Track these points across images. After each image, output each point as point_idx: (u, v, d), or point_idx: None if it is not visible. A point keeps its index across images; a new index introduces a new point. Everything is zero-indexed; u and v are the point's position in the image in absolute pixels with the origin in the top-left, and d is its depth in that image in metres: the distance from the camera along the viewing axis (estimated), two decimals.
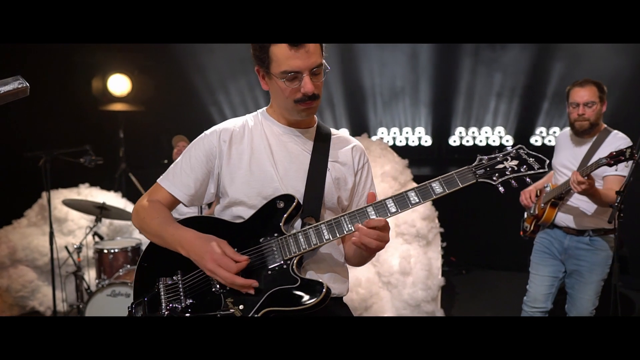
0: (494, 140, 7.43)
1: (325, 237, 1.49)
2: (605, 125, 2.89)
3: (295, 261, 1.50)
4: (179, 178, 1.60)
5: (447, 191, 1.48)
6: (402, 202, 1.48)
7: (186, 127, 4.97)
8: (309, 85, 1.47)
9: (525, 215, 3.21)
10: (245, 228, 1.55)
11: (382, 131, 8.05)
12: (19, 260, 4.54)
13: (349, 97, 7.50)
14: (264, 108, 1.67)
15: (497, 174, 1.49)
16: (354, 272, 3.76)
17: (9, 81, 1.11)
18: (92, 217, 4.24)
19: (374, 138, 8.05)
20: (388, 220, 1.46)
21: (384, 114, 7.92)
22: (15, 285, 4.50)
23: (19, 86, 1.12)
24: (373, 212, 1.47)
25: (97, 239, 4.36)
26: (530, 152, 1.52)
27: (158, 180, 1.64)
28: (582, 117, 2.82)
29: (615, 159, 2.40)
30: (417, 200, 1.49)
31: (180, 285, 1.55)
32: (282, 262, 1.50)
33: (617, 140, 2.76)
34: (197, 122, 6.53)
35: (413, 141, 7.92)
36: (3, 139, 4.38)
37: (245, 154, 1.57)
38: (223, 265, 1.41)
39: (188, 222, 1.58)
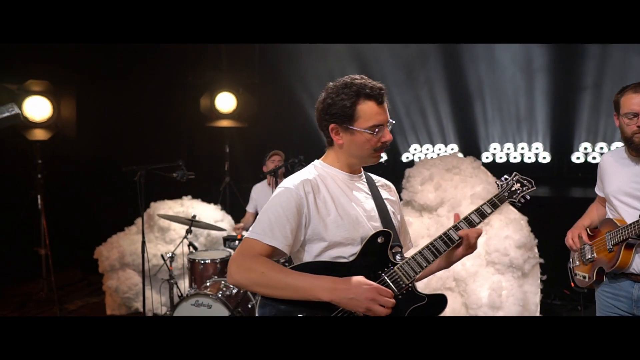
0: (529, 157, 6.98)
1: (430, 259, 1.70)
2: None
3: (415, 283, 1.71)
4: (278, 230, 1.64)
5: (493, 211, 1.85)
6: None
7: (286, 143, 5.08)
8: (389, 135, 1.70)
9: (576, 262, 2.61)
10: (358, 265, 1.67)
11: (494, 147, 7.51)
12: (127, 264, 4.96)
13: (457, 110, 7.12)
14: (319, 160, 1.81)
15: (514, 196, 1.91)
16: None
17: (2, 110, 1.15)
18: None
19: (485, 155, 7.58)
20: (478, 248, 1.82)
21: (495, 127, 7.35)
22: (123, 287, 4.92)
23: (11, 113, 1.15)
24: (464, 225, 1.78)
25: (191, 249, 4.60)
26: (523, 176, 1.95)
27: (252, 236, 1.65)
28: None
29: None
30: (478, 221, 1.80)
31: None
32: (406, 285, 1.66)
33: None
34: (296, 137, 6.68)
35: (529, 157, 7.27)
36: (114, 154, 4.84)
37: (329, 201, 1.70)
38: (382, 302, 1.55)
39: (303, 269, 1.65)
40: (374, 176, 1.92)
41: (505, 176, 1.94)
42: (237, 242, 4.37)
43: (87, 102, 5.26)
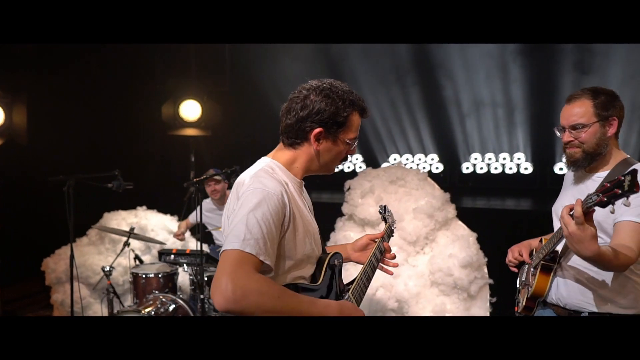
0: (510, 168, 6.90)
1: (372, 276, 1.85)
2: (627, 155, 2.04)
3: None
4: (270, 244, 1.42)
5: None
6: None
7: (254, 150, 4.86)
8: (355, 149, 1.71)
9: (517, 284, 2.36)
10: (326, 289, 1.62)
11: (475, 157, 7.25)
12: (74, 277, 4.76)
13: (432, 117, 6.89)
14: (274, 161, 1.63)
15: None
16: None
17: None
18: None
19: (465, 165, 7.32)
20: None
21: (474, 137, 7.10)
22: (69, 301, 4.72)
23: None
24: None
25: (137, 262, 4.41)
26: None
27: (247, 249, 1.36)
28: (571, 144, 2.03)
29: (609, 193, 1.53)
30: None
31: None
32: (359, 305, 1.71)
33: None
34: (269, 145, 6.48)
35: (511, 168, 7.00)
36: (68, 161, 4.67)
37: (296, 213, 1.56)
38: None
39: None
40: None
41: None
42: (172, 256, 4.14)
43: (39, 108, 5.11)
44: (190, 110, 6.01)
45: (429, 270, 3.36)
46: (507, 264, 2.38)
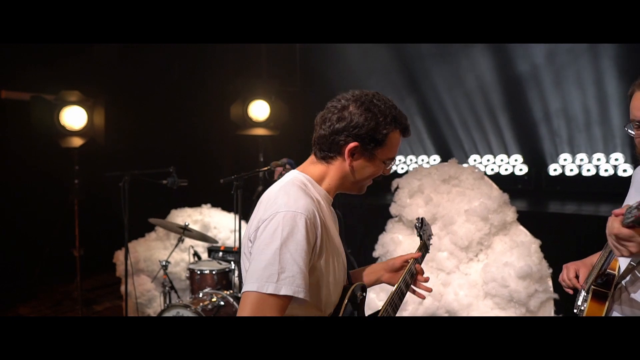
0: (606, 170, 6.34)
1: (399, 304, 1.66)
2: None
3: None
4: (306, 279, 1.33)
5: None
6: None
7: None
8: (390, 169, 1.57)
9: (574, 310, 1.96)
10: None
11: (474, 158, 6.68)
12: (141, 270, 5.00)
13: (432, 120, 6.45)
14: (306, 176, 1.51)
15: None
16: None
17: None
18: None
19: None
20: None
21: (473, 137, 6.54)
22: (136, 292, 4.95)
23: None
24: None
25: (195, 258, 4.50)
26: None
27: (277, 292, 1.28)
28: None
29: None
30: None
31: None
32: None
33: None
34: None
35: (506, 170, 6.40)
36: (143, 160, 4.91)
37: (325, 236, 1.42)
38: None
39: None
40: None
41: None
42: (220, 253, 4.15)
43: (115, 110, 5.44)
44: (259, 110, 6.08)
45: (482, 279, 3.02)
46: (560, 282, 2.03)
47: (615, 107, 5.88)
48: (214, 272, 4.14)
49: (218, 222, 5.16)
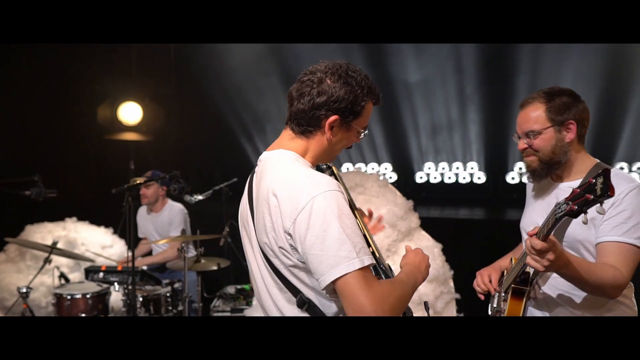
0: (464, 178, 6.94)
1: None
2: (597, 161, 1.83)
3: None
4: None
5: None
6: None
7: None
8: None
9: (489, 311, 2.12)
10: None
11: (429, 166, 7.17)
12: None
13: (389, 128, 6.75)
14: (295, 154, 1.49)
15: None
16: None
17: None
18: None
19: (419, 175, 7.19)
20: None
21: (429, 146, 7.01)
22: None
23: None
24: None
25: (62, 280, 3.88)
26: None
27: (362, 265, 1.30)
28: (526, 152, 1.82)
29: (579, 200, 1.32)
30: None
31: None
32: None
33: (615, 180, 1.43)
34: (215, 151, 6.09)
35: (464, 178, 6.98)
36: None
37: None
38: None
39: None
40: None
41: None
42: (100, 274, 3.66)
43: None
44: (130, 112, 5.53)
45: None
46: (474, 288, 2.14)
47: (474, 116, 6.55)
48: (87, 296, 3.61)
49: (86, 238, 4.54)
